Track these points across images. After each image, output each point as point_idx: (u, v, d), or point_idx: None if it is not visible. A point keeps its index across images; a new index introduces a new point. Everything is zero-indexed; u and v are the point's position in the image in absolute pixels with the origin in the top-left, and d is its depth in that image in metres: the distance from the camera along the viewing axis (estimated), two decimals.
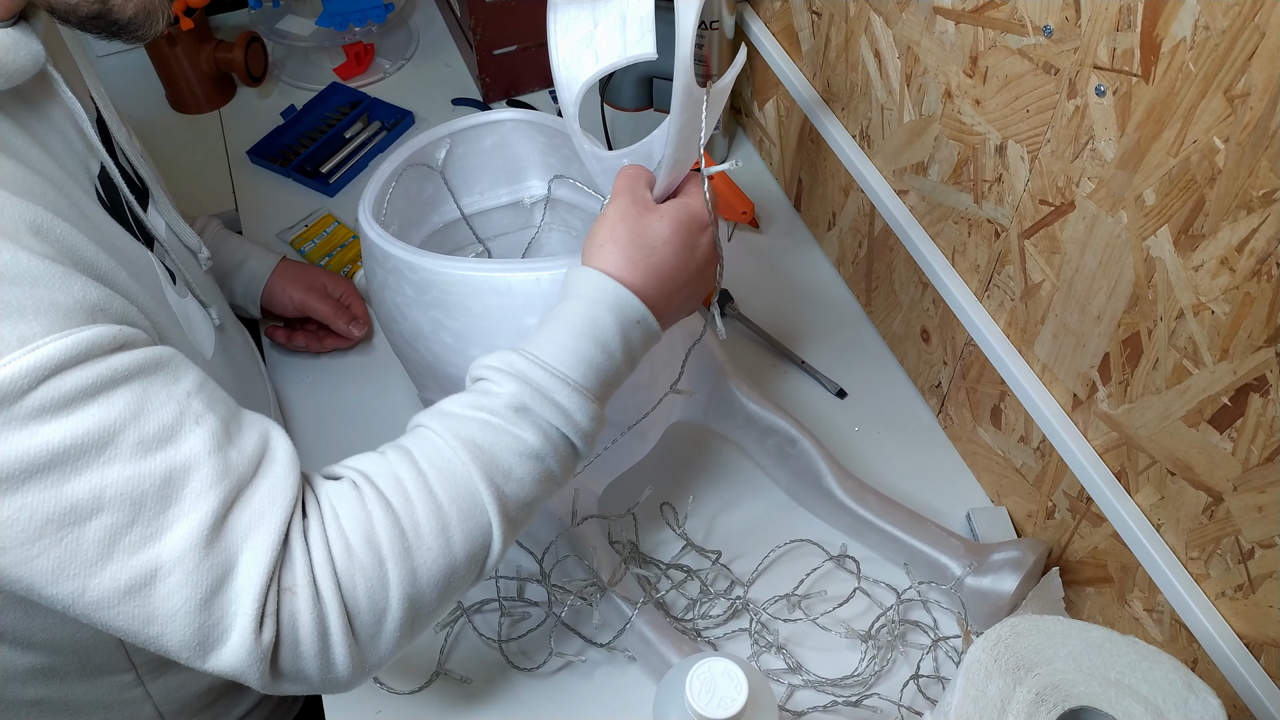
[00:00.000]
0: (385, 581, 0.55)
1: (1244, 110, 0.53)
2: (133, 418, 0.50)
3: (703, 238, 0.64)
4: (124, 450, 0.50)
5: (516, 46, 1.21)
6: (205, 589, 0.51)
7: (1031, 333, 0.77)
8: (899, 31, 0.82)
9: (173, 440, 0.51)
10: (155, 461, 0.50)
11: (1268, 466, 0.59)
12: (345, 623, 0.54)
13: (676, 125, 0.59)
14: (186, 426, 0.52)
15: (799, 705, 0.77)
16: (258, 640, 0.52)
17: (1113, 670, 0.57)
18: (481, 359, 0.60)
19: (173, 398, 0.52)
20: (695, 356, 0.75)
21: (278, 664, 0.54)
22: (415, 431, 0.60)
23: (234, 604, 0.52)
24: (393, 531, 0.55)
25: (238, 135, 1.22)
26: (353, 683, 0.57)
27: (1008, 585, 0.76)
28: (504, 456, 0.58)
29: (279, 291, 0.96)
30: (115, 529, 0.50)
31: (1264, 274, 0.55)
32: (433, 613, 0.58)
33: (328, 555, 0.54)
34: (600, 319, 0.59)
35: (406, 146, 0.82)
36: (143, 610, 0.51)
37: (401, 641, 0.57)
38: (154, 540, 0.50)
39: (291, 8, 1.29)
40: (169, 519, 0.51)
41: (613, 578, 0.76)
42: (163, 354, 0.54)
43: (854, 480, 0.85)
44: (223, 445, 0.53)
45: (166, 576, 0.50)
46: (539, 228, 0.94)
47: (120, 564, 0.50)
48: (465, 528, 0.57)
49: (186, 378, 0.54)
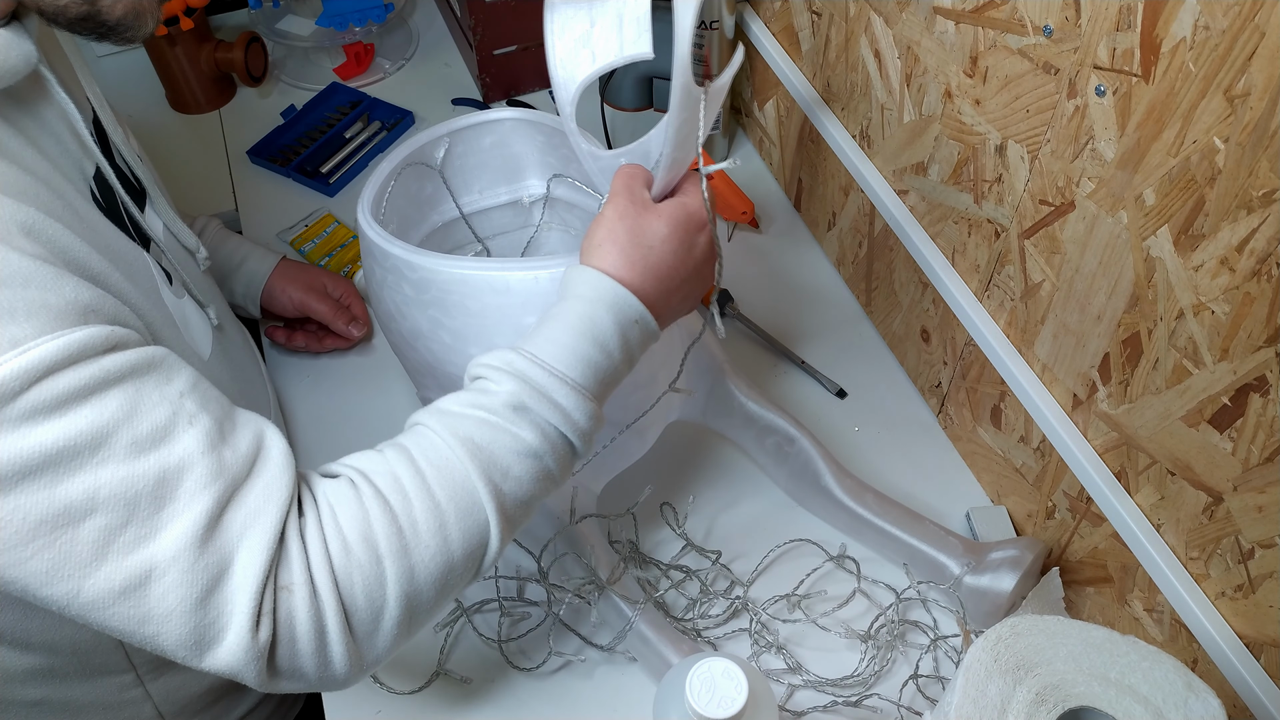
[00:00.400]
0: (383, 579, 0.55)
1: (1244, 110, 0.53)
2: (125, 418, 0.50)
3: (700, 236, 0.64)
4: (117, 451, 0.50)
5: (516, 46, 1.21)
6: (201, 588, 0.51)
7: (1031, 333, 0.77)
8: (899, 31, 0.82)
9: (166, 440, 0.51)
10: (149, 462, 0.50)
11: (1268, 466, 0.59)
12: (342, 620, 0.54)
13: (674, 124, 0.59)
14: (180, 426, 0.52)
15: (799, 705, 0.77)
16: (254, 638, 0.52)
17: (1113, 670, 0.57)
18: (480, 358, 0.60)
19: (165, 398, 0.52)
20: (694, 356, 0.75)
21: (275, 662, 0.54)
22: (413, 429, 0.60)
23: (230, 602, 0.52)
24: (390, 529, 0.55)
25: (238, 135, 1.22)
26: (350, 680, 0.57)
27: (1006, 584, 0.76)
28: (502, 455, 0.58)
29: (279, 291, 0.96)
30: (109, 529, 0.50)
31: (1264, 274, 0.55)
32: (430, 610, 0.58)
33: (325, 553, 0.54)
34: (598, 318, 0.60)
35: (405, 145, 0.82)
36: (138, 610, 0.51)
37: (399, 639, 0.57)
38: (148, 540, 0.50)
39: (291, 8, 1.29)
40: (163, 519, 0.51)
41: (611, 576, 0.76)
42: (155, 354, 0.54)
43: (852, 479, 0.85)
44: (216, 445, 0.53)
45: (161, 576, 0.50)
46: (538, 227, 0.94)
47: (115, 564, 0.50)
48: (463, 526, 0.57)
49: (179, 378, 0.54)
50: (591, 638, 0.79)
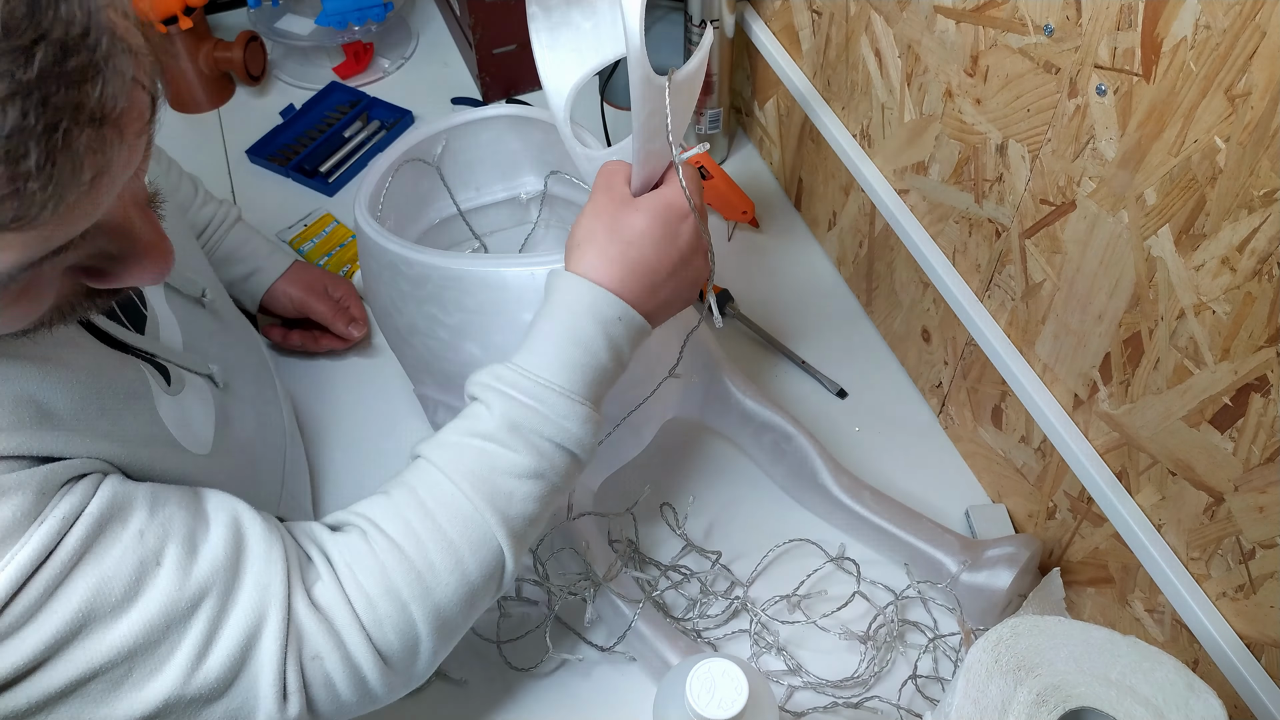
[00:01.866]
0: (412, 622, 0.58)
1: (1245, 110, 0.53)
2: (95, 595, 0.51)
3: (683, 226, 0.63)
4: (98, 626, 0.51)
5: (516, 45, 1.21)
6: (220, 691, 0.54)
7: (1032, 333, 0.77)
8: (899, 30, 0.82)
9: (140, 594, 0.52)
10: (131, 620, 0.52)
11: (1269, 466, 0.59)
12: (381, 665, 0.58)
13: (641, 117, 0.59)
14: (149, 573, 0.52)
15: (799, 706, 0.77)
16: (284, 713, 0.55)
17: (1114, 671, 0.57)
18: (474, 375, 0.62)
19: (127, 549, 0.52)
20: (690, 352, 0.75)
21: (318, 713, 0.57)
22: (416, 465, 0.61)
23: (252, 691, 0.54)
24: (410, 576, 0.58)
25: (236, 134, 1.22)
26: (397, 697, 0.61)
27: (1002, 581, 0.76)
28: (504, 482, 0.60)
29: (279, 292, 0.96)
30: (115, 681, 0.52)
31: (1265, 274, 0.55)
32: (462, 627, 0.62)
33: (351, 613, 0.57)
34: (579, 323, 0.61)
35: (402, 142, 0.82)
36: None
37: (438, 657, 0.62)
38: (155, 675, 0.52)
39: (291, 7, 1.29)
40: (162, 656, 0.52)
41: (608, 573, 0.76)
42: (104, 505, 0.52)
43: (849, 477, 0.84)
44: (189, 569, 0.53)
45: (179, 699, 0.53)
46: (535, 223, 0.94)
47: (130, 702, 0.52)
48: (478, 557, 0.60)
49: (135, 515, 0.53)
50: (590, 637, 0.79)
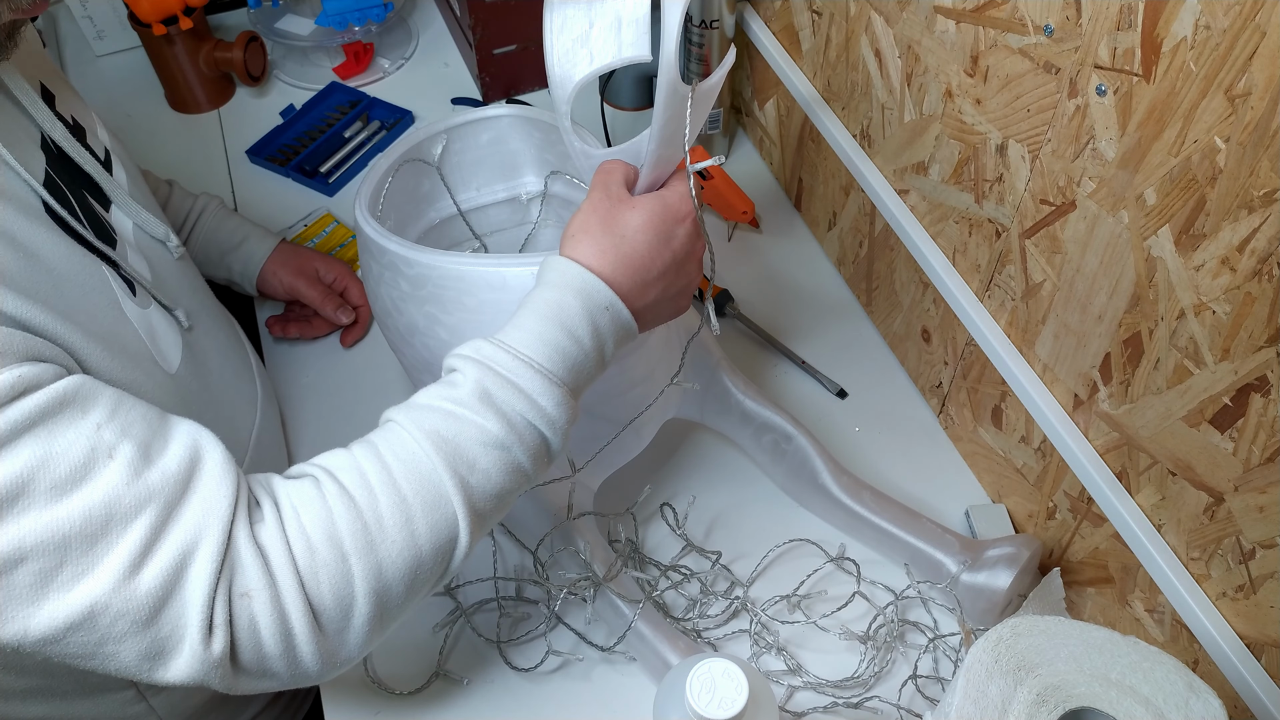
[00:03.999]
0: (350, 576, 0.55)
1: (1245, 110, 0.53)
2: (40, 465, 0.50)
3: (680, 229, 0.63)
4: (37, 499, 0.50)
5: (516, 46, 1.21)
6: (147, 610, 0.52)
7: (1032, 333, 0.77)
8: (899, 31, 0.82)
9: (86, 479, 0.51)
10: (71, 504, 0.50)
11: (1269, 466, 0.59)
12: (310, 619, 0.55)
13: (660, 122, 0.59)
14: (99, 462, 0.52)
15: (799, 706, 0.77)
16: (208, 649, 0.52)
17: (1114, 671, 0.57)
18: (456, 349, 0.61)
19: (81, 434, 0.52)
20: (691, 353, 0.75)
21: (240, 665, 0.54)
22: (384, 425, 0.60)
23: (180, 618, 0.52)
24: (355, 525, 0.56)
25: (237, 135, 1.22)
26: (324, 676, 0.58)
27: (1002, 581, 0.76)
28: (468, 447, 0.58)
29: (270, 275, 0.97)
30: (44, 572, 0.50)
31: (1265, 274, 0.55)
32: (401, 606, 0.59)
33: (288, 554, 0.54)
34: (566, 304, 0.60)
35: (403, 142, 0.82)
36: (89, 639, 0.51)
37: (372, 635, 0.58)
38: (85, 576, 0.51)
39: (291, 7, 1.29)
40: (97, 554, 0.51)
41: (608, 573, 0.76)
42: (69, 388, 0.52)
43: (849, 476, 0.84)
44: (141, 471, 0.53)
45: (105, 608, 0.51)
46: (535, 223, 0.94)
47: (56, 603, 0.50)
48: (430, 519, 0.57)
49: (96, 409, 0.53)
50: (589, 636, 0.79)
